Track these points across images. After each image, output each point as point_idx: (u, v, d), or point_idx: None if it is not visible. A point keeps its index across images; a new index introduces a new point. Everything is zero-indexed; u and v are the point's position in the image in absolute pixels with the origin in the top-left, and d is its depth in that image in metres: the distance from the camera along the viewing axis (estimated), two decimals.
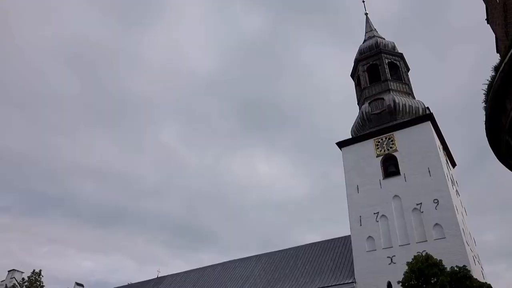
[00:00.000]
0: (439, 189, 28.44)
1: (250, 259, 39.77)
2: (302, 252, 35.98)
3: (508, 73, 7.07)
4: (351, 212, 31.43)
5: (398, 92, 35.84)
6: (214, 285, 38.39)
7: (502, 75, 7.01)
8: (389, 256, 27.93)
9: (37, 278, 25.54)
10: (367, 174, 32.16)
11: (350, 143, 34.96)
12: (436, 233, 27.06)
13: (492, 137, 8.17)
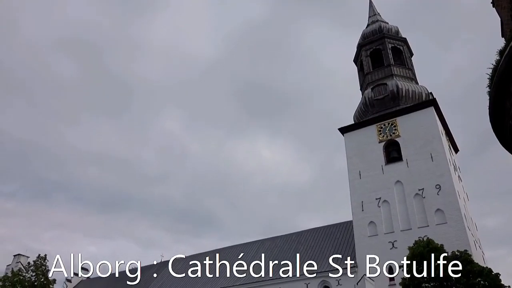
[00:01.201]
0: (441, 175, 28.46)
1: (253, 244, 40.11)
2: (304, 237, 36.25)
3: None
4: (353, 197, 31.55)
5: (401, 77, 35.58)
6: (217, 269, 38.77)
7: (507, 59, 6.92)
8: (390, 241, 28.12)
9: (42, 263, 25.86)
10: (369, 159, 32.16)
11: (352, 128, 34.88)
12: (437, 218, 27.17)
13: (496, 122, 8.11)
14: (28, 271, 25.78)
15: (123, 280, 47.33)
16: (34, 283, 24.94)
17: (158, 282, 42.39)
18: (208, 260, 41.63)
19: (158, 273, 44.46)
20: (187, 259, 44.61)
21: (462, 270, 18.00)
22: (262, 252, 37.46)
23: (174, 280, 41.26)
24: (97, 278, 53.28)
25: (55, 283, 26.24)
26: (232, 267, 37.91)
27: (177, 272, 42.74)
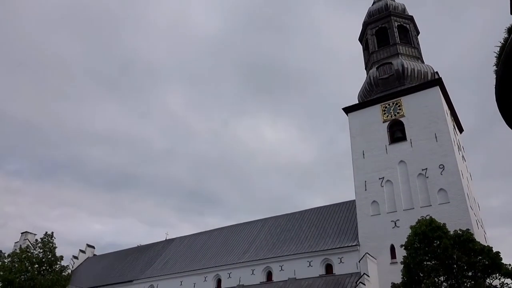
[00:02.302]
0: (445, 155, 28.43)
1: (256, 222, 40.58)
2: (307, 216, 36.59)
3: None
4: (357, 177, 31.65)
5: (407, 56, 35.15)
6: (221, 247, 39.42)
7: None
8: (393, 220, 28.34)
9: (50, 240, 26.28)
10: (373, 139, 32.11)
11: (356, 108, 34.70)
12: (440, 197, 27.30)
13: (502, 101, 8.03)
14: (35, 248, 26.22)
15: (129, 257, 48.23)
16: (42, 260, 25.41)
17: (163, 259, 43.16)
18: (212, 238, 42.25)
19: (163, 250, 45.22)
20: (192, 237, 45.27)
21: (463, 249, 18.18)
22: (265, 231, 37.92)
23: (179, 257, 41.99)
24: (103, 255, 54.30)
25: (62, 259, 26.69)
26: (235, 245, 38.48)
27: (182, 249, 43.46)
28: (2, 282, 23.34)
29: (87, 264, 52.95)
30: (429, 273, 18.10)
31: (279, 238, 35.59)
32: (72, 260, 52.87)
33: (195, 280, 36.72)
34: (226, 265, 35.54)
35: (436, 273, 18.06)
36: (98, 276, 46.91)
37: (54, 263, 25.65)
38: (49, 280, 24.06)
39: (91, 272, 49.19)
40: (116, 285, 42.44)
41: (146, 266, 43.32)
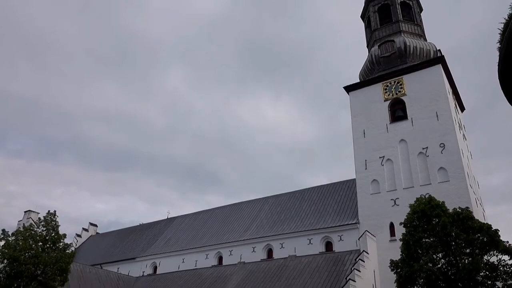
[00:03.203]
0: (446, 133, 28.43)
1: (257, 201, 40.92)
2: (308, 194, 36.86)
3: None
4: (357, 156, 31.73)
5: (410, 34, 34.71)
6: (222, 226, 39.87)
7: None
8: (392, 199, 28.56)
9: (52, 218, 26.53)
10: (374, 118, 32.05)
11: (358, 87, 34.50)
12: (440, 176, 27.43)
13: (505, 79, 7.95)
14: (39, 226, 26.49)
15: (131, 235, 48.86)
16: (45, 238, 25.71)
17: (165, 237, 43.72)
18: (213, 216, 42.69)
19: (165, 228, 45.76)
20: (193, 215, 45.73)
21: (462, 226, 18.37)
22: (266, 209, 38.28)
23: (181, 235, 42.52)
24: (106, 233, 55.01)
25: (65, 237, 27.02)
26: (237, 223, 38.91)
27: (183, 228, 43.98)
28: (7, 260, 23.70)
29: (90, 242, 53.69)
30: (428, 250, 18.35)
31: (279, 216, 35.95)
32: (76, 238, 53.55)
33: (196, 257, 37.28)
34: (227, 242, 36.03)
35: (435, 250, 18.31)
36: (101, 253, 47.63)
37: (58, 241, 25.94)
38: (53, 257, 24.41)
39: (94, 250, 49.93)
40: (119, 263, 43.13)
41: (149, 244, 43.93)
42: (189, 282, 33.70)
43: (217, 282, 31.70)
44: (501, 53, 7.50)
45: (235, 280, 30.78)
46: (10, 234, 25.65)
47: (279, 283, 27.41)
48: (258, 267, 31.24)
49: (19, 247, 24.07)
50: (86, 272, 34.40)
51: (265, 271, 30.08)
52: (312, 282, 25.93)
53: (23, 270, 23.15)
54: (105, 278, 35.67)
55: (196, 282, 33.22)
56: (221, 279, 31.82)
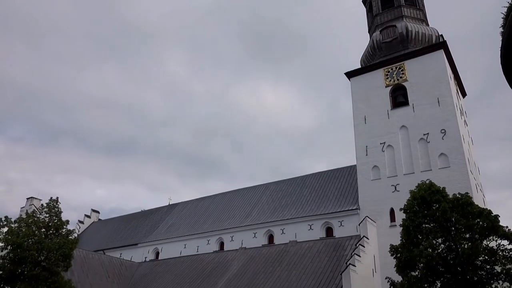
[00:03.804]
0: (447, 119, 28.37)
1: (258, 187, 41.08)
2: (309, 180, 36.97)
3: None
4: (358, 142, 31.72)
5: (412, 19, 34.35)
6: (223, 212, 40.12)
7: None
8: (393, 185, 28.66)
9: (55, 205, 26.65)
10: (375, 104, 31.95)
11: (359, 73, 34.31)
12: (441, 162, 27.46)
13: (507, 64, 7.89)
14: (41, 213, 26.63)
15: (133, 221, 49.22)
16: (48, 224, 25.89)
17: (167, 223, 44.03)
18: (215, 202, 42.92)
19: (167, 215, 46.07)
20: (195, 201, 45.98)
21: (462, 212, 18.45)
22: (267, 195, 38.46)
23: (182, 221, 42.82)
24: (108, 219, 55.42)
25: (68, 224, 27.20)
26: (238, 209, 39.14)
27: (185, 214, 44.27)
28: (11, 246, 23.91)
29: (92, 229, 54.13)
30: (427, 235, 18.46)
31: (280, 202, 36.13)
32: (78, 225, 53.98)
33: (198, 243, 37.62)
34: (229, 228, 36.30)
35: (434, 235, 18.42)
36: (104, 240, 48.07)
37: (60, 227, 26.10)
38: (56, 243, 24.60)
39: (97, 236, 50.37)
40: (122, 248, 43.56)
41: (150, 230, 44.28)
42: (191, 267, 34.08)
43: (219, 267, 32.05)
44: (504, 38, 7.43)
45: (236, 265, 31.12)
46: (13, 221, 25.83)
47: (280, 268, 27.70)
48: (259, 252, 31.54)
49: (22, 234, 24.24)
50: (89, 258, 34.77)
51: (266, 256, 30.39)
52: (313, 267, 26.20)
53: (26, 256, 23.36)
54: (108, 263, 36.07)
55: (198, 267, 33.59)
56: (223, 264, 32.17)
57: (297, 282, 25.21)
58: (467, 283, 17.23)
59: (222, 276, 30.24)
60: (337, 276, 23.71)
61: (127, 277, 36.17)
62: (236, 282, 28.51)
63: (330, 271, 24.96)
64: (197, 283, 30.95)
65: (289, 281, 25.74)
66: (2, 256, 24.40)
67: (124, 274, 36.38)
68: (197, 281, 31.19)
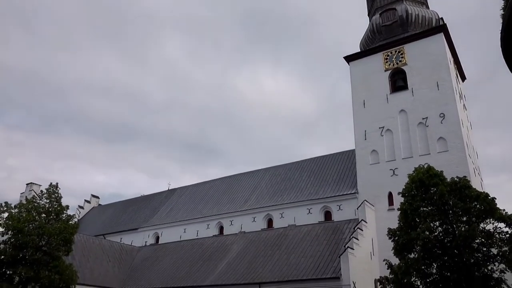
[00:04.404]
0: (446, 103, 28.35)
1: (257, 172, 41.22)
2: (307, 165, 37.09)
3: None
4: (357, 126, 31.73)
5: (412, 2, 33.99)
6: (223, 196, 40.33)
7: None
8: (391, 169, 28.77)
9: (55, 190, 26.75)
10: (374, 88, 31.86)
11: (358, 57, 34.10)
12: (439, 146, 27.54)
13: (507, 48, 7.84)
14: (41, 199, 26.73)
15: (133, 206, 49.49)
16: (48, 209, 26.02)
17: (166, 208, 44.30)
18: (214, 187, 43.11)
19: (167, 200, 46.31)
20: (194, 186, 46.17)
21: (459, 195, 18.59)
22: (266, 180, 38.62)
23: (182, 206, 43.08)
24: (108, 204, 55.69)
25: (68, 209, 27.35)
26: (237, 194, 39.34)
27: (184, 199, 44.50)
28: (12, 231, 24.09)
29: (92, 214, 54.46)
30: (425, 219, 18.63)
31: (279, 187, 36.31)
32: (78, 210, 54.26)
33: (198, 227, 37.93)
34: (228, 213, 36.55)
35: (432, 218, 18.59)
36: (104, 224, 48.41)
37: (61, 212, 26.25)
38: (57, 228, 24.78)
39: (97, 221, 50.71)
40: (122, 233, 43.91)
41: (150, 215, 44.57)
42: (191, 251, 34.44)
43: (218, 251, 32.38)
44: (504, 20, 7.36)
45: (236, 249, 31.44)
46: (13, 206, 25.94)
47: (279, 252, 28.01)
48: (258, 236, 31.83)
49: (22, 219, 24.39)
50: (90, 243, 35.08)
51: (265, 240, 30.68)
52: (312, 250, 26.49)
53: (27, 241, 23.57)
54: (108, 248, 36.41)
55: (198, 251, 33.94)
56: (222, 248, 32.49)
57: (296, 265, 25.53)
58: (463, 265, 17.47)
59: (222, 260, 30.59)
60: (335, 259, 24.01)
61: (127, 261, 36.57)
62: (235, 265, 28.86)
63: (328, 254, 25.25)
64: (197, 266, 31.32)
65: (288, 264, 26.06)
66: (3, 241, 24.61)
67: (124, 258, 36.76)
68: (197, 265, 31.56)
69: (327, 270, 23.65)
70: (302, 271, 24.61)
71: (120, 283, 33.04)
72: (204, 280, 28.50)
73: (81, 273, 29.54)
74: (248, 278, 26.32)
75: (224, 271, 28.68)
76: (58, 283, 23.86)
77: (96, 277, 31.70)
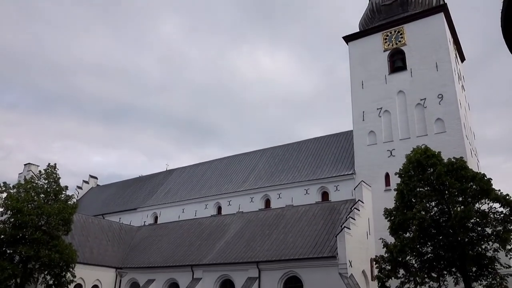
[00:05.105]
0: (444, 84, 28.27)
1: (254, 153, 41.32)
2: (305, 146, 37.17)
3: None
4: (355, 107, 31.69)
5: None
6: (220, 177, 40.52)
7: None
8: (389, 150, 28.88)
9: (53, 171, 26.80)
10: (372, 69, 31.69)
11: (357, 36, 33.79)
12: (437, 127, 27.60)
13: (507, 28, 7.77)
14: (40, 179, 26.81)
15: (131, 187, 49.73)
16: (47, 190, 26.13)
17: (165, 188, 44.53)
18: (212, 168, 43.26)
19: (165, 180, 46.51)
20: (192, 167, 46.32)
21: (456, 176, 18.73)
22: (263, 161, 38.75)
23: (180, 186, 43.30)
24: (106, 185, 55.92)
25: (67, 189, 27.48)
26: (235, 174, 39.52)
27: (183, 179, 44.69)
28: (11, 211, 24.24)
29: (91, 194, 54.73)
30: (421, 199, 18.82)
31: (277, 167, 36.47)
32: (77, 190, 54.49)
33: (196, 207, 38.23)
34: (226, 193, 36.80)
35: (428, 198, 18.77)
36: (103, 205, 48.71)
37: (59, 192, 26.39)
38: (56, 208, 24.96)
39: (96, 201, 51.01)
40: (121, 213, 44.24)
41: (149, 195, 44.83)
42: (190, 231, 34.80)
43: (217, 230, 32.73)
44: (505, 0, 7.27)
45: (234, 228, 31.78)
46: (11, 186, 26.02)
47: (277, 231, 28.33)
48: (256, 216, 32.14)
49: (21, 199, 24.52)
50: (89, 222, 35.36)
51: (263, 220, 30.99)
52: (309, 230, 26.81)
53: (27, 220, 23.76)
54: (108, 228, 36.73)
55: (197, 230, 34.29)
56: (220, 228, 32.84)
57: (293, 244, 25.87)
58: (457, 244, 17.75)
59: (220, 239, 30.95)
60: (332, 238, 24.31)
61: (126, 241, 36.95)
62: (233, 244, 29.23)
63: (325, 234, 25.56)
64: (196, 245, 31.70)
65: (285, 243, 26.41)
66: (2, 221, 24.80)
67: (123, 237, 37.13)
68: (196, 244, 31.94)
69: (323, 249, 23.98)
70: (299, 250, 24.96)
71: (120, 262, 33.49)
72: (202, 259, 28.91)
73: (81, 252, 29.91)
74: (246, 257, 26.70)
75: (223, 250, 29.06)
76: (58, 261, 24.20)
77: (95, 256, 32.09)
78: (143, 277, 31.40)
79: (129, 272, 32.57)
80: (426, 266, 18.83)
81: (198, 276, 28.06)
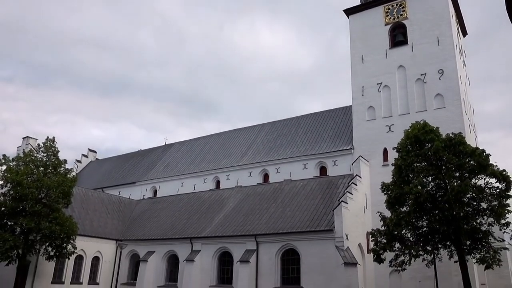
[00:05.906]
0: (445, 59, 28.00)
1: (253, 128, 41.29)
2: (304, 121, 37.11)
3: None
4: (354, 82, 31.46)
5: None
6: (219, 152, 40.61)
7: None
8: (387, 125, 28.87)
9: (52, 144, 26.79)
10: (373, 43, 31.29)
11: (358, 10, 33.21)
12: (436, 102, 27.51)
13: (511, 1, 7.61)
14: (38, 152, 26.82)
15: (130, 161, 49.87)
16: (46, 163, 26.19)
17: (164, 162, 44.68)
18: (210, 143, 43.31)
19: (164, 154, 46.61)
20: (191, 142, 46.36)
21: (454, 151, 18.82)
22: (262, 136, 38.76)
23: (179, 160, 43.45)
24: (105, 159, 56.05)
25: (66, 163, 27.54)
26: (233, 149, 39.60)
27: (181, 153, 44.80)
28: (10, 184, 24.36)
29: (90, 168, 54.92)
30: (419, 174, 18.96)
31: (275, 142, 36.52)
32: (76, 164, 54.65)
33: (195, 181, 38.47)
34: (225, 167, 36.97)
35: (426, 173, 18.90)
36: (102, 178, 48.96)
37: (59, 166, 26.46)
38: (56, 181, 25.09)
39: (95, 175, 51.24)
40: (120, 187, 44.54)
41: (148, 169, 45.03)
42: (189, 204, 35.15)
43: (215, 204, 33.07)
44: None
45: (232, 202, 32.11)
46: (11, 159, 26.06)
47: (275, 205, 28.64)
48: (255, 190, 32.42)
49: (20, 172, 24.60)
50: (89, 196, 35.64)
51: (261, 194, 31.28)
52: (306, 204, 27.10)
53: (27, 193, 23.91)
54: (107, 201, 37.06)
55: (196, 204, 34.64)
56: (219, 202, 33.17)
57: (291, 217, 26.20)
58: (452, 218, 18.00)
59: (219, 212, 31.32)
60: (329, 212, 24.61)
61: (126, 214, 37.36)
62: (232, 217, 29.60)
63: (323, 208, 25.86)
64: (195, 218, 32.10)
65: (283, 216, 26.74)
66: (2, 193, 24.96)
67: (123, 210, 37.53)
68: (195, 217, 32.33)
69: (321, 223, 24.32)
70: (296, 223, 25.30)
71: (120, 234, 33.97)
72: (201, 232, 29.33)
73: (81, 224, 30.26)
74: (244, 230, 27.09)
75: (221, 223, 29.45)
76: (59, 233, 24.52)
77: (95, 229, 32.52)
78: (143, 249, 31.93)
79: (129, 244, 33.09)
80: (421, 240, 19.18)
81: (197, 248, 28.54)
